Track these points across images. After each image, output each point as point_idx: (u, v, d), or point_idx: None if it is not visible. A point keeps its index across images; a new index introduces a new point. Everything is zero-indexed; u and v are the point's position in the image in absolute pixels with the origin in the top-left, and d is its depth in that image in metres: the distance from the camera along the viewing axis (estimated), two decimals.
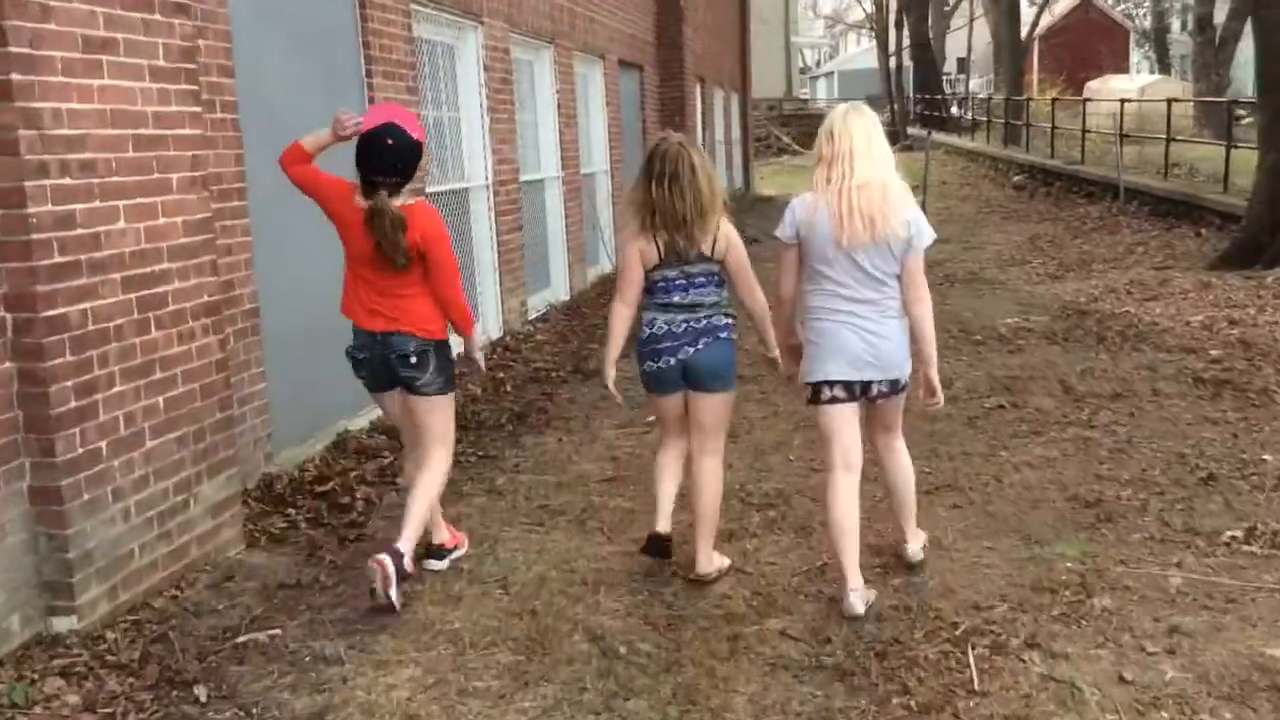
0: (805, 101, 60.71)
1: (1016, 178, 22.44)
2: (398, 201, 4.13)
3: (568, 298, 11.70)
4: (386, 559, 4.04)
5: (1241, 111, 17.13)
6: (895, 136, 38.61)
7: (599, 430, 6.79)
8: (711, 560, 4.34)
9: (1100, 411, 6.76)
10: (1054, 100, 23.42)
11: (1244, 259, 10.93)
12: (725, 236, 4.16)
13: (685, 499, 4.54)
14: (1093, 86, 31.84)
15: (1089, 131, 21.11)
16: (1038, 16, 38.82)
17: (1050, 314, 10.01)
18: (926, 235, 3.99)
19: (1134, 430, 6.35)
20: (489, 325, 9.54)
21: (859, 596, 4.00)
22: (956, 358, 8.46)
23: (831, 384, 4.03)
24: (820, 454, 4.43)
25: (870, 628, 3.96)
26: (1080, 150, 20.77)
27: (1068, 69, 43.55)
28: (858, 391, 4.05)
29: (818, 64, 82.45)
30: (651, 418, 5.82)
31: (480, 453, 6.35)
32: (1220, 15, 35.00)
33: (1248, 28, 47.93)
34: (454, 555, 4.64)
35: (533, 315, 10.54)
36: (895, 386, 4.10)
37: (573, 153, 12.03)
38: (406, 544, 4.17)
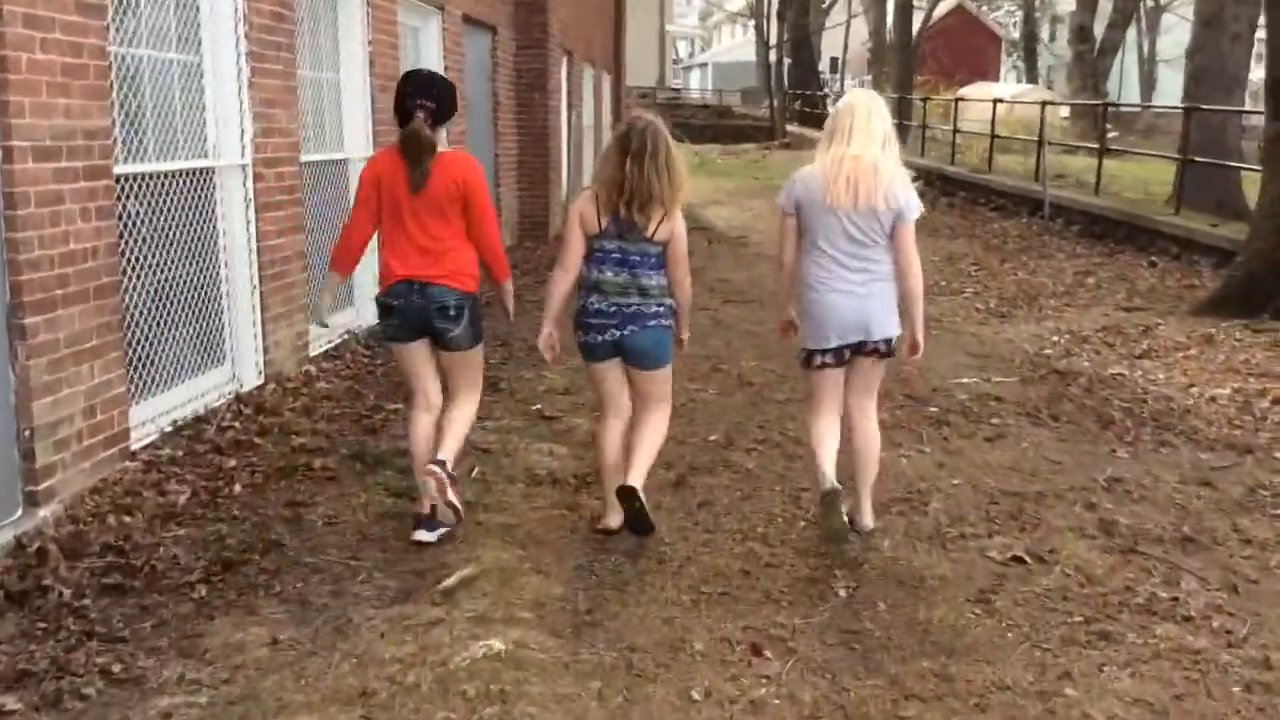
0: (678, 91, 58.54)
1: (915, 184, 20.24)
2: (440, 147, 4.18)
3: (378, 321, 8.73)
4: (435, 468, 4.19)
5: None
6: (773, 133, 36.73)
7: (359, 616, 3.85)
8: (641, 482, 4.37)
9: (1180, 578, 4.23)
10: (956, 100, 21.29)
11: (1245, 305, 8.70)
12: (671, 226, 4.20)
13: None
14: (966, 93, 30.20)
15: (997, 136, 18.97)
16: (928, 16, 37.23)
17: (1016, 372, 7.55)
18: (915, 207, 4.24)
19: (1256, 628, 3.83)
20: (240, 370, 6.55)
21: (830, 468, 4.36)
22: (915, 447, 5.87)
23: (824, 351, 4.33)
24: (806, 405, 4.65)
25: None
26: (989, 158, 18.63)
27: (944, 73, 42.31)
28: (847, 356, 4.37)
29: (690, 55, 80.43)
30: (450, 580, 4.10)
31: (106, 668, 3.42)
32: (1099, 26, 34.33)
33: (1129, 39, 48.02)
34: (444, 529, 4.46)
35: (322, 349, 7.58)
36: (888, 345, 4.35)
37: (392, 126, 9.04)
38: (449, 455, 4.31)
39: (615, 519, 4.49)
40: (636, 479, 4.33)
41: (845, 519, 4.37)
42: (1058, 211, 14.68)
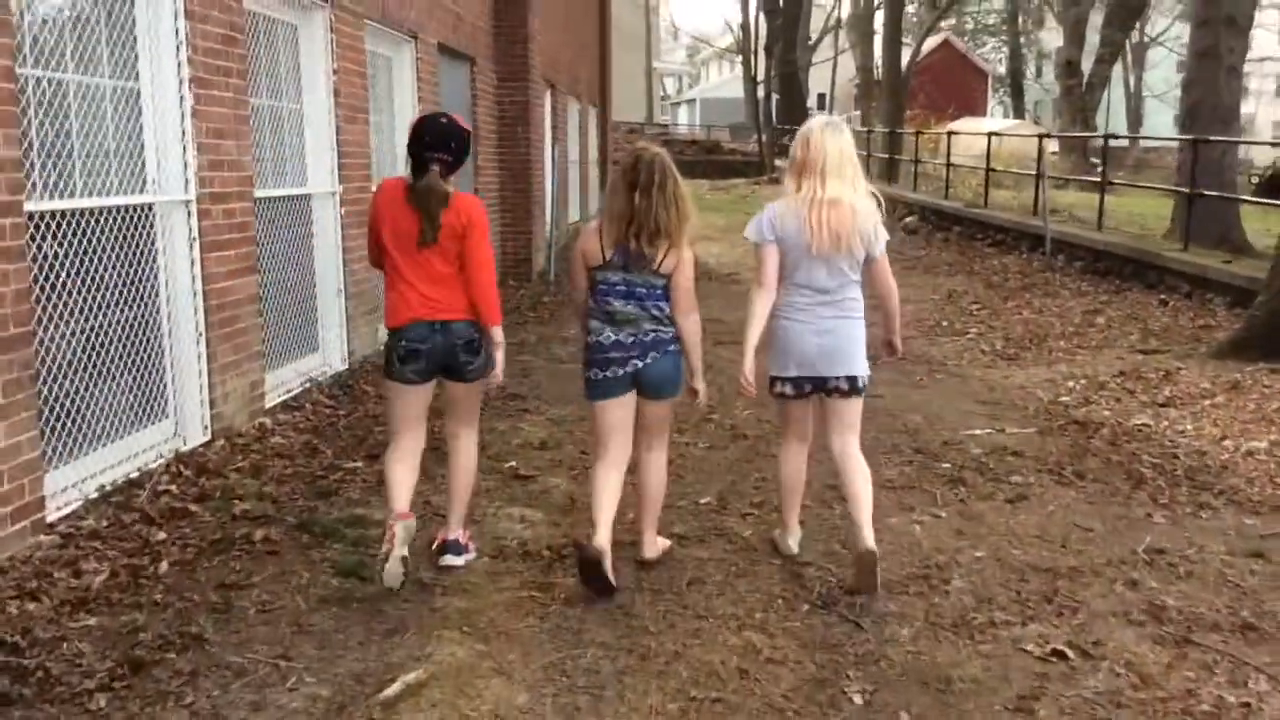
0: (666, 127, 58.30)
1: (907, 219, 19.78)
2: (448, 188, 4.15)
3: (345, 366, 8.15)
4: (451, 559, 4.44)
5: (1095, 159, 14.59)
6: (762, 168, 36.35)
7: None
8: (656, 545, 4.54)
9: (1247, 676, 3.63)
10: (949, 135, 20.84)
11: (1269, 347, 8.17)
12: (680, 255, 4.19)
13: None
14: (955, 127, 29.86)
15: (993, 170, 18.51)
16: (916, 50, 37.05)
17: (1032, 422, 6.98)
18: (883, 237, 4.32)
19: None
20: (183, 426, 5.94)
21: (794, 538, 4.67)
22: (929, 510, 5.29)
23: (784, 380, 4.35)
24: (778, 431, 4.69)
25: None
26: (984, 192, 18.15)
27: (933, 107, 42.13)
28: (807, 389, 4.35)
29: (679, 91, 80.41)
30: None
31: None
32: (1087, 61, 34.29)
33: (1116, 74, 47.94)
34: (470, 556, 4.56)
35: (280, 399, 6.98)
36: (854, 385, 4.32)
37: (360, 160, 8.51)
38: (456, 524, 4.52)
39: (606, 534, 4.25)
40: (650, 546, 4.53)
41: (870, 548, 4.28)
42: (1059, 247, 14.18)
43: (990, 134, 19.14)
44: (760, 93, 42.70)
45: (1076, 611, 4.12)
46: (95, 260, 5.18)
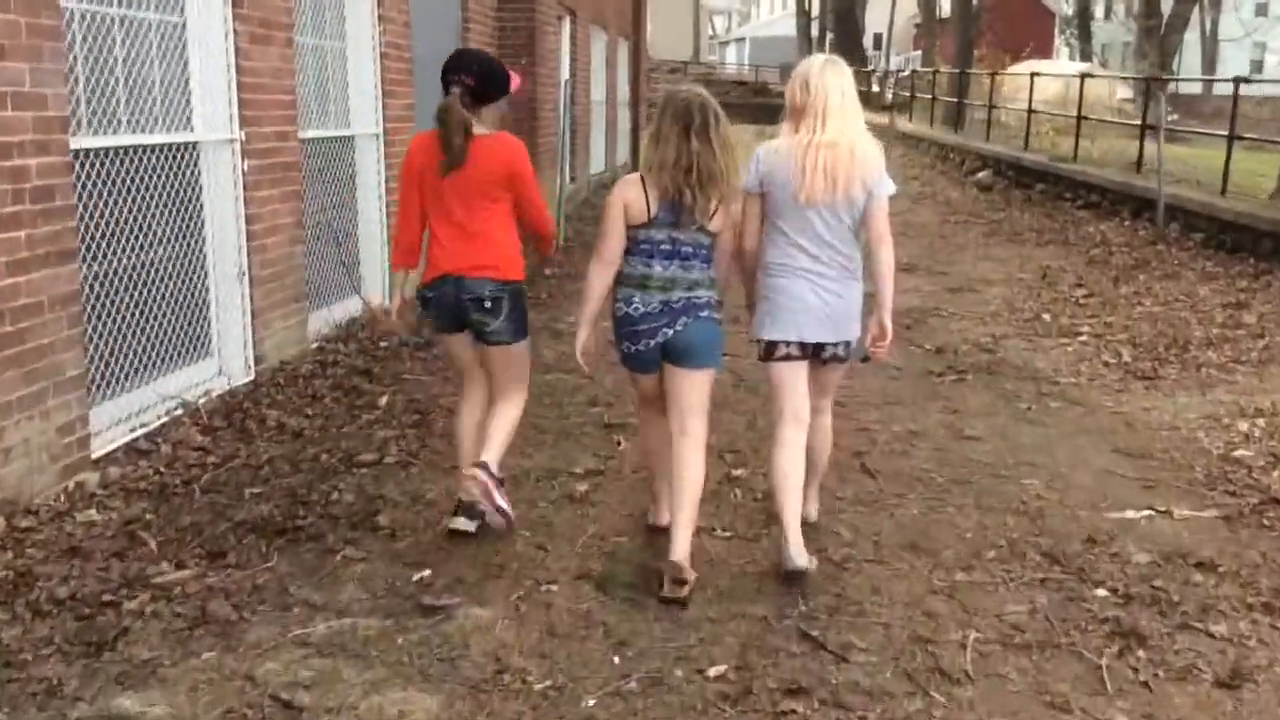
0: (713, 68, 55.53)
1: (980, 174, 17.35)
2: (480, 130, 3.94)
3: (248, 378, 6.07)
4: (477, 472, 3.92)
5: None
6: None
7: None
8: (687, 557, 3.76)
9: None
10: (1032, 77, 18.19)
11: None
12: (727, 210, 3.85)
13: None
14: (1037, 69, 27.06)
15: (1085, 118, 15.97)
16: None
17: (1207, 495, 4.78)
18: (888, 184, 3.84)
19: None
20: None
21: (797, 549, 3.83)
22: (1087, 692, 3.14)
23: (787, 343, 3.90)
24: (769, 409, 4.11)
25: None
26: (1074, 145, 15.62)
27: (1001, 48, 39.24)
28: (811, 351, 3.94)
29: (728, 30, 77.21)
30: None
31: None
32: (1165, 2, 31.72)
33: (1194, 16, 44.93)
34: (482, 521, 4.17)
35: (131, 436, 4.93)
36: (848, 349, 3.99)
37: (278, 99, 6.37)
38: (492, 457, 4.03)
39: (666, 514, 4.03)
40: (681, 551, 3.76)
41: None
42: (1172, 214, 11.75)
43: (1082, 76, 16.56)
44: (814, 30, 40.08)
45: None
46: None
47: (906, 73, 38.07)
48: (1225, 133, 11.76)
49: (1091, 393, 6.46)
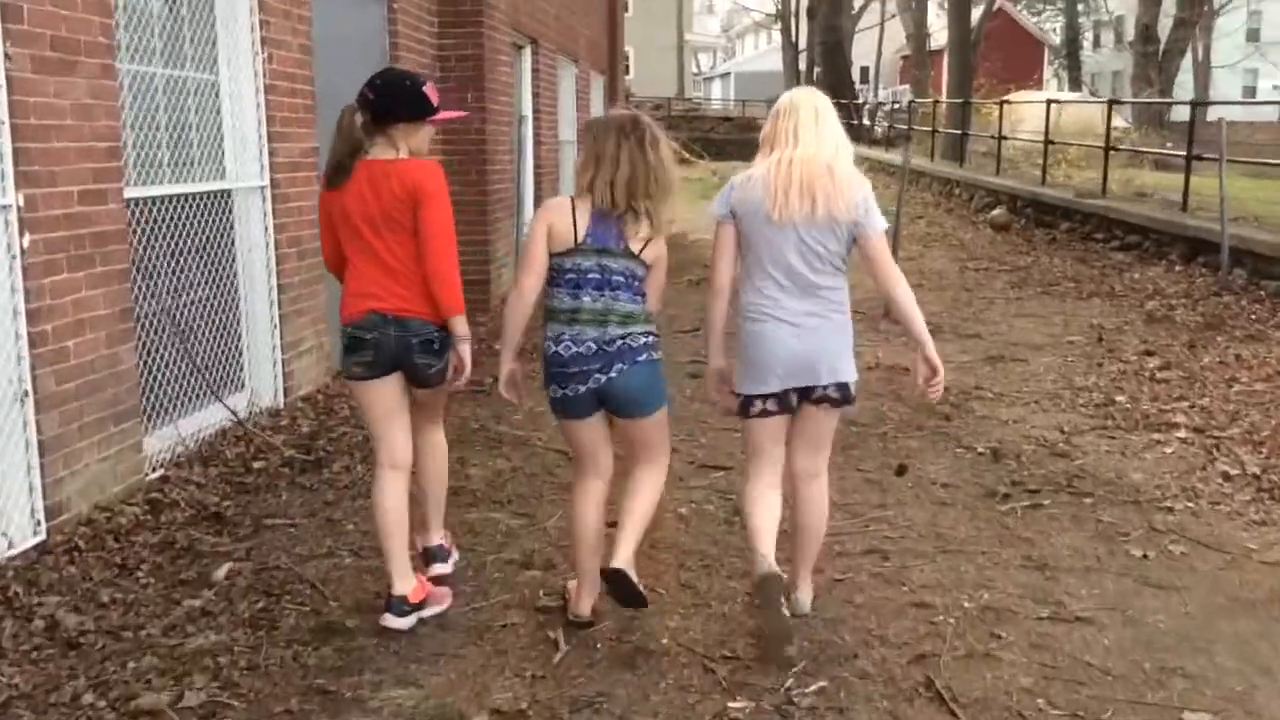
0: (697, 105, 54.19)
1: (995, 212, 15.66)
2: (386, 154, 3.62)
3: (34, 540, 4.26)
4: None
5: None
6: None
7: None
8: (630, 563, 3.61)
9: None
10: (1049, 104, 16.50)
11: None
12: (659, 247, 3.58)
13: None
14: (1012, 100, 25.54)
15: (1114, 149, 14.29)
16: (988, 8, 32.94)
17: None
18: (878, 219, 3.53)
19: None
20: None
21: (768, 563, 3.52)
22: None
23: (765, 397, 3.60)
24: (746, 462, 3.81)
25: None
26: (1103, 178, 13.89)
27: (993, 78, 37.92)
28: (794, 401, 3.61)
29: (712, 66, 76.11)
30: None
31: None
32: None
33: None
34: (425, 613, 3.76)
35: None
36: (844, 392, 3.60)
37: (85, 148, 4.61)
38: (436, 530, 4.04)
39: (588, 603, 3.73)
40: (624, 558, 3.59)
41: (787, 613, 3.50)
42: (1236, 258, 10.02)
43: (1110, 102, 14.90)
44: (802, 64, 38.77)
45: None
46: None
47: (896, 105, 36.69)
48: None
49: (1222, 525, 4.67)
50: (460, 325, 3.64)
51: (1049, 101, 16.71)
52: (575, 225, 3.47)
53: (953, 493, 5.12)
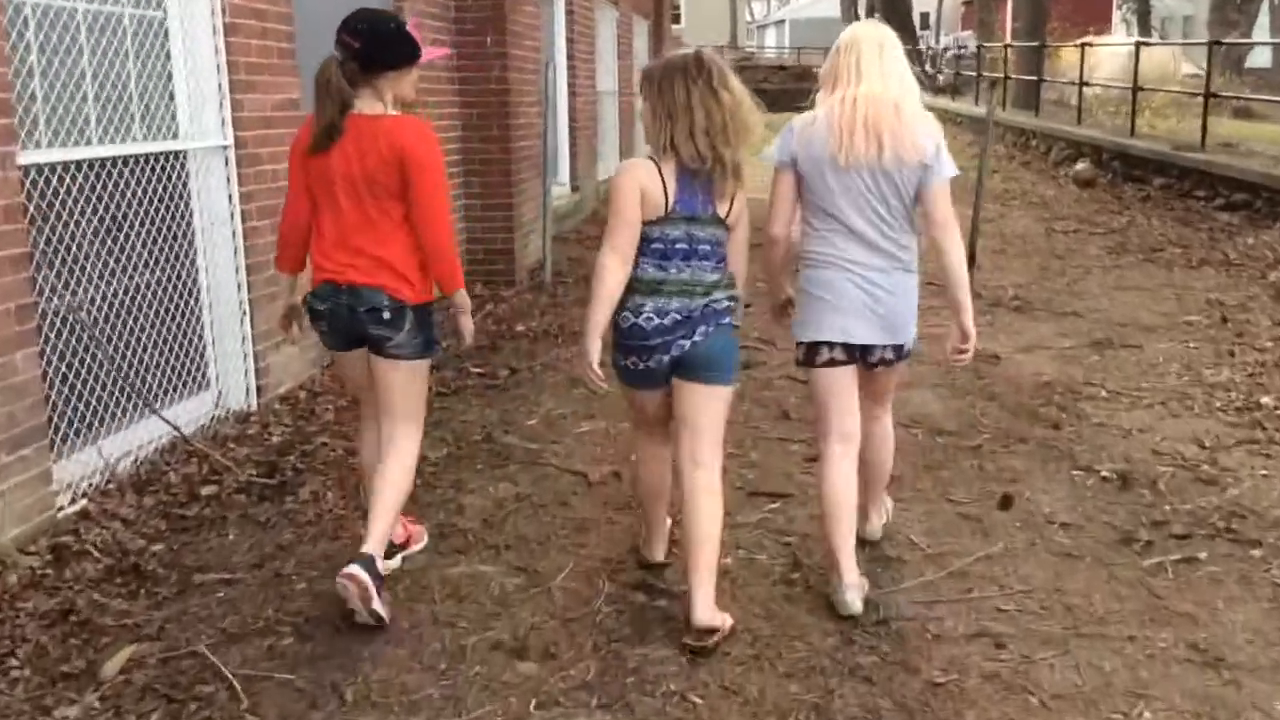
0: (751, 54, 52.48)
1: (1079, 166, 14.29)
2: (373, 108, 3.34)
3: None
4: (358, 570, 3.23)
5: None
6: None
7: None
8: (713, 611, 3.20)
9: None
10: (1138, 46, 14.99)
11: None
12: (742, 200, 3.29)
13: None
14: (1094, 43, 23.85)
15: (1214, 96, 12.85)
16: None
17: None
18: (948, 165, 3.29)
19: None
20: None
21: (855, 592, 3.38)
22: None
23: (831, 345, 3.40)
24: (813, 423, 3.65)
25: None
26: (1202, 130, 12.46)
27: (1066, 22, 35.99)
28: (858, 354, 3.42)
29: (766, 14, 74.00)
30: None
31: None
32: None
33: None
34: (409, 551, 3.78)
35: None
36: (900, 353, 3.46)
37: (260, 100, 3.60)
38: (375, 545, 3.35)
39: (662, 548, 3.68)
40: (705, 609, 3.17)
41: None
42: None
43: (1212, 43, 13.38)
44: (860, 9, 37.17)
45: None
46: None
47: (958, 51, 34.92)
48: None
49: None
50: (460, 297, 3.51)
51: (1138, 43, 15.19)
52: (665, 191, 3.18)
53: (1077, 537, 3.99)
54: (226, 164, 5.20)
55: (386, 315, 3.36)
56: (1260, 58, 44.36)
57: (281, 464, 4.67)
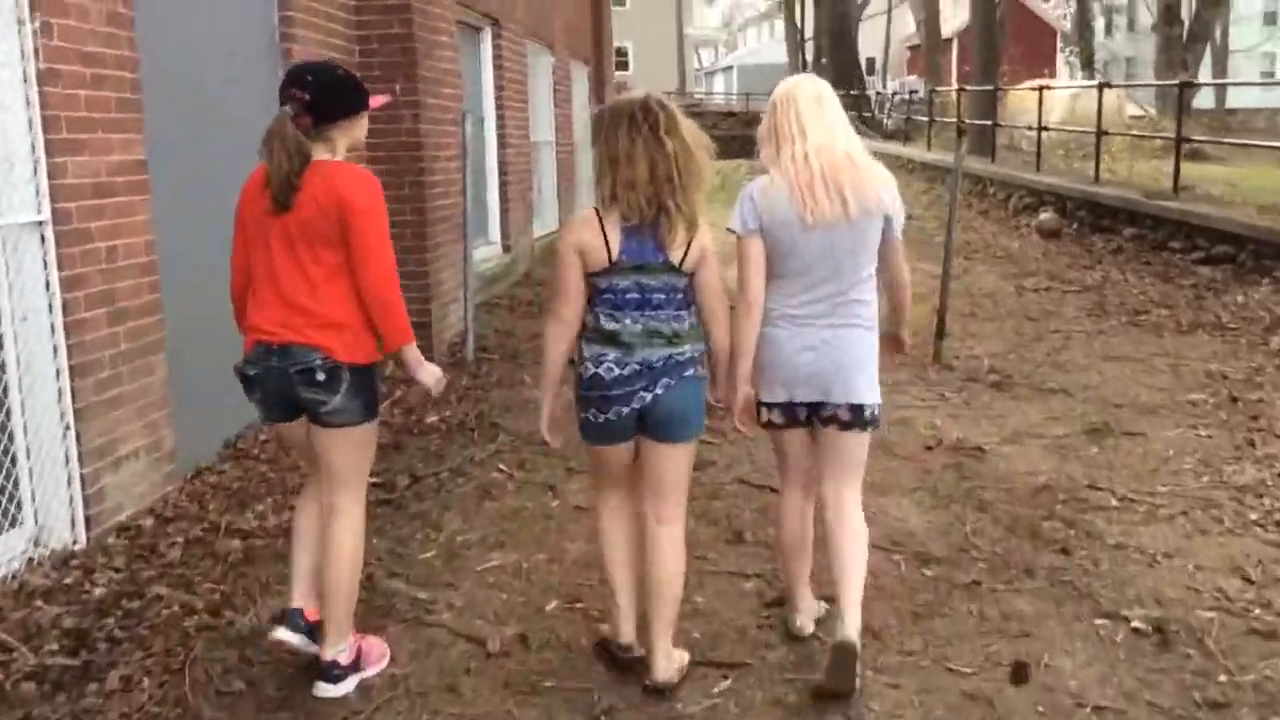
0: (699, 100, 52.08)
1: (1042, 215, 13.57)
2: (318, 152, 3.19)
3: None
4: (327, 689, 3.22)
5: None
6: None
7: None
8: (672, 660, 3.27)
9: None
10: (1101, 88, 14.32)
11: None
12: (700, 244, 3.15)
13: None
14: (1053, 86, 23.48)
15: (1188, 140, 12.19)
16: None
17: None
18: (901, 217, 3.32)
19: None
20: None
21: (808, 617, 3.59)
22: None
23: (770, 405, 3.39)
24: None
25: None
26: (1174, 176, 11.76)
27: (1009, 64, 35.86)
28: (802, 416, 3.37)
29: (713, 62, 73.99)
30: None
31: None
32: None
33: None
34: (368, 673, 3.38)
35: None
36: (858, 415, 3.31)
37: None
38: (337, 635, 3.25)
39: (630, 627, 3.37)
40: (664, 661, 3.23)
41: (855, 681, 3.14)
42: None
43: (1182, 84, 12.74)
44: (808, 54, 36.89)
45: None
46: None
47: (907, 96, 34.58)
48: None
49: None
50: (411, 352, 3.28)
51: (1101, 85, 14.55)
52: (607, 242, 3.11)
53: None
54: (43, 242, 4.20)
55: (320, 376, 3.15)
56: (1204, 99, 44.78)
57: (95, 633, 3.63)
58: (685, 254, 3.12)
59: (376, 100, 3.46)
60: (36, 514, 4.26)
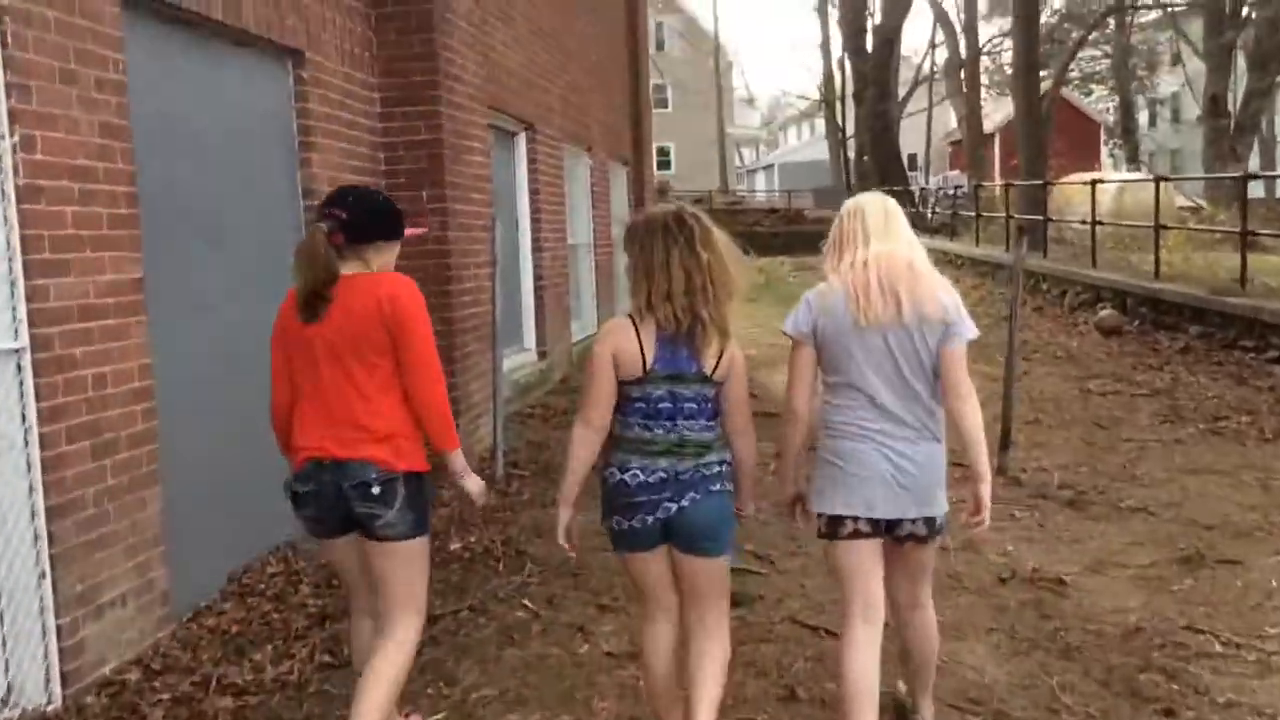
0: (741, 197, 52.23)
1: (1102, 312, 13.02)
2: (351, 269, 3.25)
3: None
4: None
5: None
6: None
7: None
8: None
9: None
10: (1158, 182, 13.86)
11: None
12: (731, 354, 3.20)
13: None
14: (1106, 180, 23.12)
15: (1253, 234, 11.66)
16: (1058, 80, 30.95)
17: None
18: (968, 326, 3.21)
19: None
20: None
21: None
22: None
23: (854, 519, 3.25)
24: (837, 602, 3.50)
25: None
26: (1241, 270, 11.20)
27: (1056, 157, 35.59)
28: (884, 528, 3.27)
29: (755, 160, 74.56)
30: None
31: None
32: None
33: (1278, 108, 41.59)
34: None
35: None
36: (931, 526, 3.28)
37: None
38: None
39: None
40: None
41: None
42: None
43: (1245, 176, 12.26)
44: (850, 151, 36.86)
45: None
46: None
47: (950, 191, 34.32)
48: None
49: None
50: (458, 459, 3.29)
51: (1158, 179, 14.09)
52: (643, 351, 3.10)
53: None
54: (19, 371, 3.84)
55: (376, 490, 3.17)
56: (1253, 189, 44.22)
57: None
58: (717, 364, 3.15)
59: (413, 231, 3.52)
60: (8, 669, 3.84)
